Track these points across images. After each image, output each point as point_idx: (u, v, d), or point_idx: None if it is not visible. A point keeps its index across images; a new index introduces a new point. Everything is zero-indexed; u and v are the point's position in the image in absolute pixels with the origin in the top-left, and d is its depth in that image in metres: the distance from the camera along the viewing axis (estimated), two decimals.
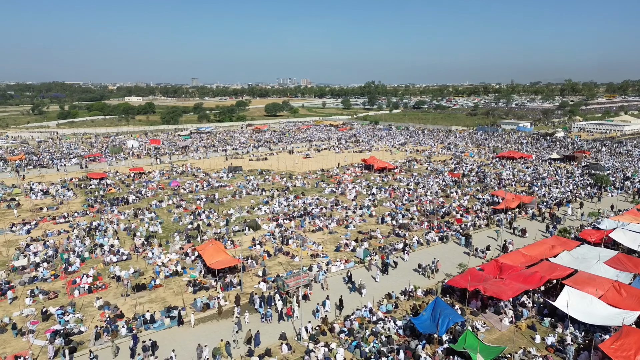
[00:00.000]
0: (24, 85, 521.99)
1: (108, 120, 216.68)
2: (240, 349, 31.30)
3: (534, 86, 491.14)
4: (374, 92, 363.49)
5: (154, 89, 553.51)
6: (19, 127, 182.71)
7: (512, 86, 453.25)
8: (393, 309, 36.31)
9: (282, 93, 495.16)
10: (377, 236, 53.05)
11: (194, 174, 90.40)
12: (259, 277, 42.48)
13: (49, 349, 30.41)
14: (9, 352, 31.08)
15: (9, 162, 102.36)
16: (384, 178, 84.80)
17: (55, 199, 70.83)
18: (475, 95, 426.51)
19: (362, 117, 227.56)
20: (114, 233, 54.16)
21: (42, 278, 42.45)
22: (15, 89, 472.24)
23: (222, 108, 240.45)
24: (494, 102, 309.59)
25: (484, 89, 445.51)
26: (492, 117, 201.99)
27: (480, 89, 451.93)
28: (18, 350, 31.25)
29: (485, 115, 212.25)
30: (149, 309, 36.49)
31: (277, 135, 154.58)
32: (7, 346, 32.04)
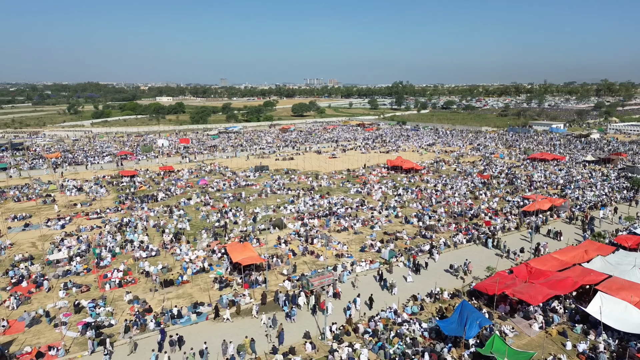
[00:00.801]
0: (60, 86, 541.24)
1: (139, 119, 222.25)
2: (269, 345, 31.60)
3: (568, 86, 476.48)
4: (402, 92, 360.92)
5: (184, 89, 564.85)
6: (55, 126, 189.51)
7: (545, 86, 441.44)
8: (418, 311, 35.88)
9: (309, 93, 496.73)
10: (403, 237, 52.54)
11: (222, 172, 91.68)
12: (284, 275, 42.72)
13: (89, 344, 31.25)
14: (43, 343, 32.23)
15: (45, 159, 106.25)
16: (411, 179, 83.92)
17: (88, 196, 73.10)
18: (506, 95, 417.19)
19: (389, 118, 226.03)
20: (143, 229, 55.46)
21: (75, 272, 43.84)
22: (52, 89, 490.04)
23: (250, 108, 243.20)
24: (525, 102, 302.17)
25: (516, 89, 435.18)
26: (524, 117, 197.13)
27: (511, 89, 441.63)
28: (51, 341, 32.35)
29: (517, 116, 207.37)
30: (176, 304, 37.18)
31: (304, 135, 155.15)
32: (42, 337, 33.22)
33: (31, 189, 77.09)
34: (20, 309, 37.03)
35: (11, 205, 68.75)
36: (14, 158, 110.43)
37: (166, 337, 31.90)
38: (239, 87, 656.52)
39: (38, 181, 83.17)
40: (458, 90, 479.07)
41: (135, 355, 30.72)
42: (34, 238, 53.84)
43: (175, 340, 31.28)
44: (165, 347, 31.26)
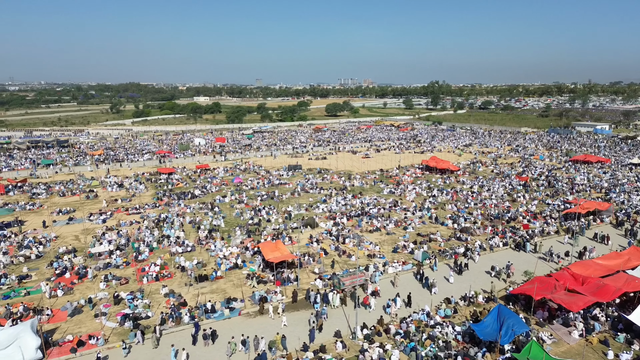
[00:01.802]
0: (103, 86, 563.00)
1: (178, 118, 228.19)
2: (300, 342, 31.73)
3: (614, 86, 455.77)
4: (438, 92, 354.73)
5: (220, 90, 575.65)
6: (98, 124, 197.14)
7: (589, 86, 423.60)
8: (452, 314, 35.18)
9: (343, 93, 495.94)
10: (437, 239, 51.67)
11: (256, 171, 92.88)
12: (316, 274, 42.84)
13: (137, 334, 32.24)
14: (84, 332, 33.57)
15: (89, 156, 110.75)
16: (446, 180, 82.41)
17: (128, 192, 75.68)
18: (547, 95, 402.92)
19: (424, 118, 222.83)
20: (180, 225, 56.88)
21: (115, 265, 45.46)
22: (96, 89, 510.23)
23: (284, 108, 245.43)
24: (568, 102, 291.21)
25: (558, 89, 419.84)
26: (566, 118, 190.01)
27: (553, 89, 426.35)
28: (92, 331, 33.67)
29: (558, 116, 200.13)
30: (210, 299, 37.95)
31: (337, 135, 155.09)
32: (83, 326, 34.61)
33: (75, 185, 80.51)
34: (63, 299, 38.73)
35: (57, 199, 72.05)
36: (60, 155, 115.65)
37: (200, 331, 32.59)
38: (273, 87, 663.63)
39: (82, 177, 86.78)
40: (496, 90, 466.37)
41: (158, 350, 31.39)
42: (77, 231, 56.19)
43: (209, 334, 31.92)
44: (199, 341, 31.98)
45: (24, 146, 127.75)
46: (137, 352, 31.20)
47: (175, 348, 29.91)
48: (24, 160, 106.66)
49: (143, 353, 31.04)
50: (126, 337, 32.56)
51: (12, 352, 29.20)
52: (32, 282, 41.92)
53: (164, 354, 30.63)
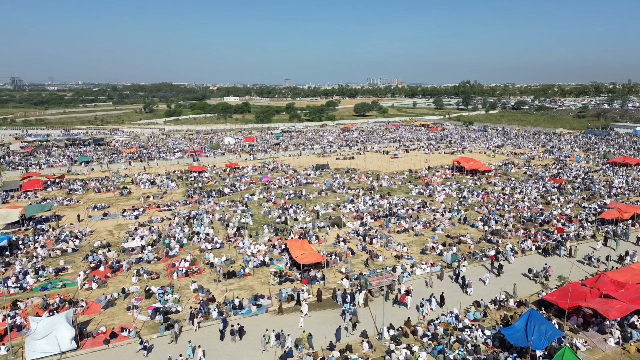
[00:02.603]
0: (137, 86, 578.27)
1: (208, 118, 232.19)
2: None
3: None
4: (469, 91, 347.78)
5: (250, 90, 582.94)
6: (132, 123, 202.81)
7: (629, 86, 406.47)
8: (481, 318, 34.44)
9: (372, 93, 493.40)
10: (466, 241, 50.71)
11: (284, 170, 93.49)
12: (342, 273, 42.75)
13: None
14: (117, 324, 34.54)
15: (123, 154, 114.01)
16: (477, 181, 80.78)
17: (160, 189, 77.49)
18: (584, 95, 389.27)
19: (455, 118, 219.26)
20: (209, 222, 57.82)
21: (147, 260, 46.61)
22: (130, 89, 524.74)
23: (313, 108, 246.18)
24: (606, 103, 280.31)
25: (595, 89, 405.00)
26: (604, 119, 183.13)
27: (590, 88, 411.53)
28: (124, 323, 34.61)
29: (596, 117, 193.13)
30: (238, 295, 38.41)
31: (365, 135, 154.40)
32: (115, 318, 35.62)
33: (110, 182, 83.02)
34: (97, 292, 39.96)
35: (92, 195, 74.47)
36: (96, 152, 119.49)
37: (228, 327, 33.02)
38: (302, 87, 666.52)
39: (116, 174, 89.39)
40: (530, 90, 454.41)
41: (176, 346, 31.75)
42: (111, 227, 57.90)
43: (236, 330, 32.30)
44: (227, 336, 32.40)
45: (61, 144, 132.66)
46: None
47: (192, 344, 30.30)
48: (62, 158, 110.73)
49: (161, 348, 31.47)
50: (156, 331, 33.32)
51: (49, 342, 30.33)
52: (68, 275, 43.43)
53: (182, 349, 30.97)
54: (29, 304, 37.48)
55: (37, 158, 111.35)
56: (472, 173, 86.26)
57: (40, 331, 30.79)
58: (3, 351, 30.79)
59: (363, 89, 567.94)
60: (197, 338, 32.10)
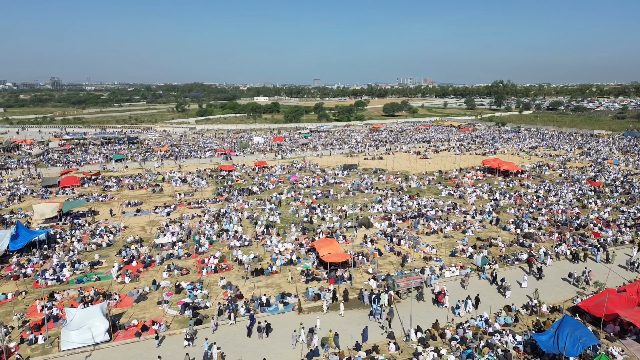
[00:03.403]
0: (170, 86, 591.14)
1: (238, 118, 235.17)
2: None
3: None
4: (502, 91, 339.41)
5: (279, 90, 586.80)
6: (165, 122, 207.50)
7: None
8: (512, 323, 33.53)
9: (402, 93, 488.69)
10: (497, 244, 49.54)
11: (312, 170, 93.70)
12: (369, 274, 42.49)
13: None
14: (148, 317, 35.39)
15: (155, 152, 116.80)
16: (509, 183, 78.80)
17: (191, 187, 78.99)
18: (624, 96, 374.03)
19: (487, 118, 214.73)
20: (238, 220, 58.52)
21: (177, 256, 47.56)
22: (163, 89, 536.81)
23: (341, 108, 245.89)
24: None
25: (636, 89, 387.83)
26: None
27: (630, 89, 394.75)
28: (155, 317, 35.43)
29: (636, 118, 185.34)
30: (266, 293, 38.71)
31: (394, 135, 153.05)
32: (147, 312, 36.50)
33: (143, 179, 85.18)
34: (130, 285, 41.04)
35: (126, 192, 76.61)
36: (130, 150, 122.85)
37: (255, 323, 33.31)
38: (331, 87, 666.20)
39: (149, 172, 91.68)
40: (567, 90, 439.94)
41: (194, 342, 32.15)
42: (143, 223, 59.39)
43: (264, 327, 32.55)
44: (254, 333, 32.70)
45: (98, 142, 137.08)
46: (172, 342, 32.13)
47: (208, 342, 30.60)
48: (98, 155, 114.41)
49: (178, 344, 31.89)
50: (185, 325, 33.95)
51: (83, 333, 31.34)
52: (103, 269, 44.79)
53: (198, 345, 31.34)
54: (65, 296, 38.85)
55: (75, 155, 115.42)
56: (504, 175, 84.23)
57: (75, 322, 31.87)
58: (40, 340, 32.03)
59: (393, 89, 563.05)
60: (225, 334, 32.54)
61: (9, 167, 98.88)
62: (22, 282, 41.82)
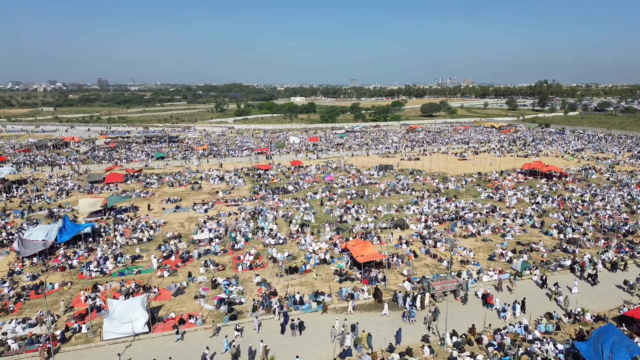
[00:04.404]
0: (210, 87, 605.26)
1: (275, 117, 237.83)
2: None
3: None
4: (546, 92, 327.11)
5: (316, 90, 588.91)
6: (204, 122, 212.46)
7: None
8: (553, 331, 32.24)
9: (440, 93, 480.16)
10: (539, 249, 47.79)
11: (347, 170, 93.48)
12: (404, 275, 41.93)
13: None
14: (185, 311, 36.29)
15: (195, 151, 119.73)
16: (553, 186, 75.90)
17: (228, 185, 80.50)
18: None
19: (529, 119, 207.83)
20: (273, 218, 59.13)
21: (214, 252, 48.57)
22: (203, 90, 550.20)
23: (378, 108, 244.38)
24: None
25: None
26: None
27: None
28: (191, 311, 36.29)
29: None
30: (299, 291, 38.91)
31: (432, 136, 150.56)
32: (184, 306, 37.43)
33: (182, 177, 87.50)
34: (168, 279, 42.23)
35: (166, 189, 78.91)
36: (170, 149, 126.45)
37: (288, 321, 33.53)
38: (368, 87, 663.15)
39: (188, 170, 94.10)
40: (616, 90, 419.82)
41: (216, 338, 32.51)
42: (182, 219, 60.98)
43: (297, 325, 32.72)
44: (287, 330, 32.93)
45: (140, 140, 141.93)
46: (193, 338, 32.70)
47: (228, 339, 30.87)
48: (140, 153, 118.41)
49: (198, 340, 32.42)
50: (221, 320, 34.58)
51: (124, 324, 32.49)
52: (143, 262, 46.29)
53: (218, 342, 31.71)
54: (108, 288, 40.40)
55: (119, 153, 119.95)
56: (547, 177, 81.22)
57: (117, 313, 33.08)
58: (84, 330, 33.43)
59: (431, 89, 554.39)
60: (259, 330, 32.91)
61: (58, 163, 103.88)
62: (68, 273, 43.83)
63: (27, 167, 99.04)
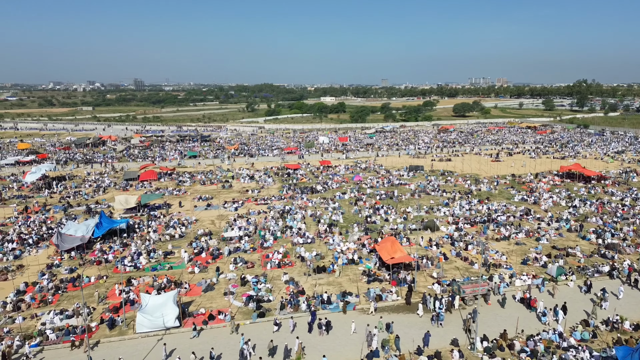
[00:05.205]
0: (241, 87, 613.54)
1: (305, 117, 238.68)
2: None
3: None
4: (585, 92, 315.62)
5: (346, 90, 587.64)
6: (235, 121, 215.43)
7: None
8: (589, 339, 31.05)
9: (474, 93, 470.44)
10: (575, 254, 46.14)
11: (376, 170, 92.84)
12: (434, 278, 41.29)
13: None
14: (214, 307, 36.87)
15: (226, 150, 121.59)
16: (591, 190, 73.13)
17: (258, 184, 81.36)
18: None
19: (567, 120, 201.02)
20: (302, 218, 59.36)
21: (243, 249, 49.17)
22: (235, 90, 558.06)
23: (409, 108, 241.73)
24: None
25: None
26: None
27: None
28: (221, 307, 36.84)
29: None
30: (327, 290, 38.90)
31: (464, 136, 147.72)
32: (213, 302, 38.04)
33: (214, 175, 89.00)
34: (199, 276, 43.02)
35: (198, 187, 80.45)
36: (202, 148, 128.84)
37: (316, 320, 33.57)
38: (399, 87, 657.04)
39: (219, 169, 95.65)
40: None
41: (234, 336, 32.75)
42: (213, 217, 62.03)
43: (324, 324, 32.72)
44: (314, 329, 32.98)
45: (173, 139, 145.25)
46: (210, 334, 33.04)
47: (245, 338, 31.00)
48: (173, 152, 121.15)
49: (214, 337, 32.70)
50: (249, 317, 34.97)
51: (156, 318, 33.31)
52: (175, 258, 47.33)
53: (235, 340, 31.90)
54: (141, 282, 41.50)
55: (153, 151, 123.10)
56: (585, 180, 78.36)
57: (149, 307, 33.96)
58: (118, 322, 34.45)
59: (464, 89, 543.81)
60: (286, 328, 33.07)
61: (96, 161, 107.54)
62: (104, 267, 45.30)
63: (68, 164, 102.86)
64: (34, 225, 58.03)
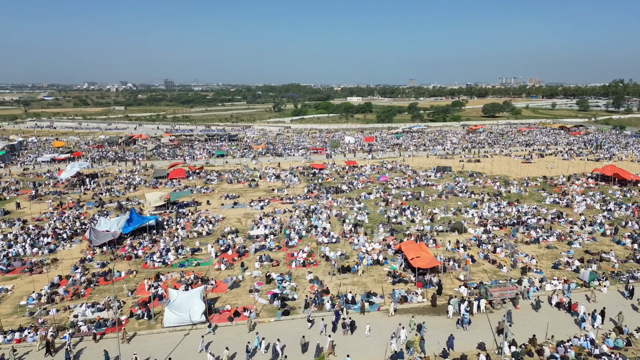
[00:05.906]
0: (269, 87, 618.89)
1: (331, 117, 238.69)
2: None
3: None
4: (622, 92, 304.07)
5: (372, 90, 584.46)
6: (262, 121, 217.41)
7: None
8: (623, 346, 29.93)
9: (504, 93, 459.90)
10: (609, 259, 44.57)
11: (402, 171, 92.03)
12: (460, 280, 40.64)
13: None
14: (240, 304, 37.31)
15: (253, 149, 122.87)
16: (626, 193, 70.50)
17: (284, 183, 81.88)
18: None
19: (602, 121, 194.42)
20: (327, 217, 59.40)
21: (269, 248, 49.59)
22: (262, 90, 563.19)
23: (437, 108, 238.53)
24: None
25: None
26: None
27: None
28: (246, 304, 37.25)
29: None
30: (351, 290, 38.81)
31: (494, 137, 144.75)
32: (239, 299, 38.51)
33: (241, 174, 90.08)
34: (225, 272, 43.63)
35: (225, 186, 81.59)
36: (230, 147, 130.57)
37: (340, 319, 33.54)
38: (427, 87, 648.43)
39: (246, 168, 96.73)
40: None
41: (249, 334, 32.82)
42: (239, 215, 62.78)
43: (348, 324, 32.66)
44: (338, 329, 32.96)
45: (202, 138, 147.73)
46: (227, 332, 33.36)
47: (259, 336, 31.12)
48: (202, 151, 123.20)
49: (228, 335, 32.92)
50: (274, 314, 35.25)
51: (183, 313, 34.01)
52: (202, 255, 48.14)
53: (249, 338, 31.96)
54: (169, 278, 42.41)
55: (182, 150, 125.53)
56: (621, 183, 75.61)
57: (177, 303, 34.68)
58: (146, 316, 35.31)
59: (494, 89, 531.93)
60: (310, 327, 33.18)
61: (127, 159, 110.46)
62: (134, 262, 46.49)
63: (103, 162, 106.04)
64: (68, 220, 60.11)
